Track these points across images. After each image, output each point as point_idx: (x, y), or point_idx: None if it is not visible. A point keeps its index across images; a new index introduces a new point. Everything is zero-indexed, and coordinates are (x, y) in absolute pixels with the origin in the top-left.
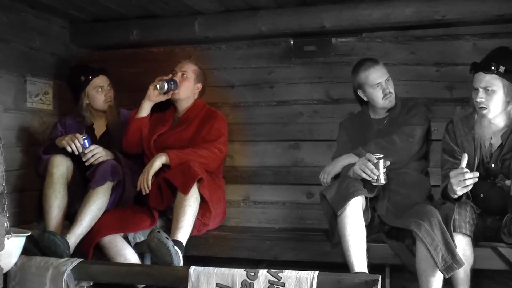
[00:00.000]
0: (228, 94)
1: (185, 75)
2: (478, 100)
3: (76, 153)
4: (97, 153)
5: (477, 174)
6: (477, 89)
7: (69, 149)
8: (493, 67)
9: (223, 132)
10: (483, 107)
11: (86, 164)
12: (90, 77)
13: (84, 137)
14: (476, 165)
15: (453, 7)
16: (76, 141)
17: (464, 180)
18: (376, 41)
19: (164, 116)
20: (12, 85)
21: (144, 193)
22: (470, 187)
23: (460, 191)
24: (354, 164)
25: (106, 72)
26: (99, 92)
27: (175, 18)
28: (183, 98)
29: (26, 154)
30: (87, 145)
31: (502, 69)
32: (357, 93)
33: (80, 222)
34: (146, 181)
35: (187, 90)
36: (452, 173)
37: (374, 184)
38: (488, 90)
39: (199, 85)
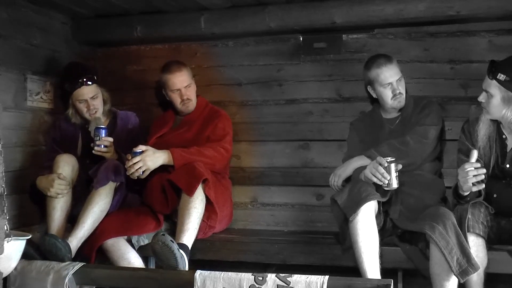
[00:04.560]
0: (235, 92)
1: (189, 86)
2: (479, 100)
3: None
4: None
5: (484, 170)
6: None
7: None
8: (493, 73)
9: (228, 131)
10: (483, 107)
11: (93, 152)
12: (71, 90)
13: (102, 127)
14: (492, 164)
15: (468, 2)
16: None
17: (469, 177)
18: (389, 37)
19: (164, 118)
20: (12, 83)
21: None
22: (480, 186)
23: (466, 188)
24: (365, 166)
25: (90, 79)
26: (82, 103)
27: (180, 14)
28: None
29: (26, 154)
30: (103, 134)
31: (502, 77)
32: (367, 90)
33: (82, 224)
34: (137, 169)
35: (195, 96)
36: (459, 169)
37: (386, 188)
38: (488, 93)
39: (194, 81)
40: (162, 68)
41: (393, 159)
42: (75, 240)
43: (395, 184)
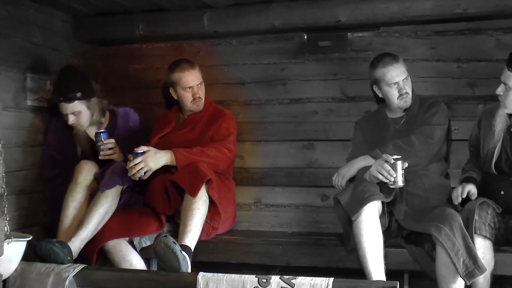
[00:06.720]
0: (239, 92)
1: (200, 85)
2: (497, 92)
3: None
4: (112, 148)
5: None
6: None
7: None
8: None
9: (232, 131)
10: (500, 100)
11: (100, 158)
12: (56, 101)
13: (102, 131)
14: (495, 157)
15: (475, 1)
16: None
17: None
18: (394, 36)
19: (167, 117)
20: (11, 82)
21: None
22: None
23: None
24: (370, 166)
25: (70, 99)
26: (65, 116)
27: (183, 12)
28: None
29: (26, 154)
30: (104, 137)
31: None
32: (373, 89)
33: (86, 225)
34: (138, 170)
35: (204, 94)
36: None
37: (391, 186)
38: (506, 85)
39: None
40: (170, 66)
41: (399, 157)
42: (78, 241)
43: (400, 182)
